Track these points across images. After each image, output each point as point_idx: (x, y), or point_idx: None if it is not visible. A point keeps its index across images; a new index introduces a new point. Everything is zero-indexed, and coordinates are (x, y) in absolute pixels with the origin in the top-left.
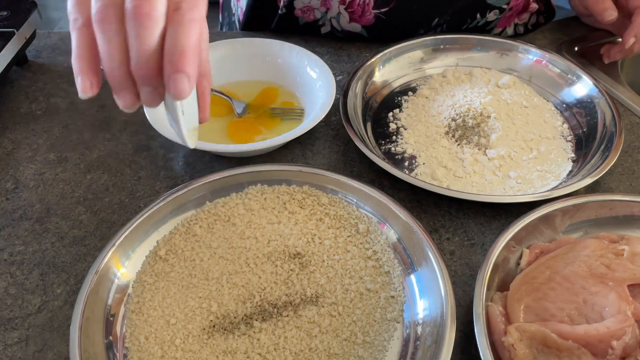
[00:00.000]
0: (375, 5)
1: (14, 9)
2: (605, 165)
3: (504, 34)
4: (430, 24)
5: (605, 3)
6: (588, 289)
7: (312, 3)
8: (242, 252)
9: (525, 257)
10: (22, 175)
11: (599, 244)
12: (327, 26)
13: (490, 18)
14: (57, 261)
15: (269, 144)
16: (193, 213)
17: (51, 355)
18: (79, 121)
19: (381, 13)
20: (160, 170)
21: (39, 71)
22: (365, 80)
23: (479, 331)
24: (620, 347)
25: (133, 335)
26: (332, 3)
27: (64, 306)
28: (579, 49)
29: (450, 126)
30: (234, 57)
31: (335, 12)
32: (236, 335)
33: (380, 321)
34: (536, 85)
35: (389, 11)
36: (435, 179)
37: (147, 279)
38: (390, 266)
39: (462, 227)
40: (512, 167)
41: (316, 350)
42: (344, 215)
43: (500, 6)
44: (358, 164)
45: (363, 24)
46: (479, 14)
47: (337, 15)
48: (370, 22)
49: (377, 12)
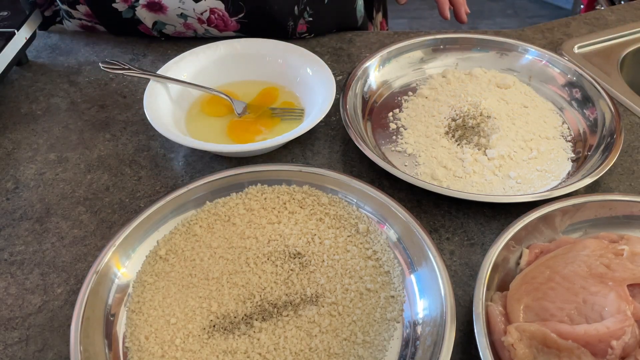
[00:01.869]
0: (231, 14)
1: (14, 9)
2: (605, 165)
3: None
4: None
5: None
6: (588, 288)
7: (178, 29)
8: (242, 252)
9: (525, 257)
10: (22, 175)
11: (599, 244)
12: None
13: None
14: (57, 261)
15: (269, 144)
16: (193, 213)
17: (51, 355)
18: (79, 121)
19: (240, 19)
20: (160, 170)
21: (39, 71)
22: (365, 80)
23: (479, 331)
24: (620, 347)
25: (133, 335)
26: (195, 26)
27: (64, 306)
28: (579, 49)
29: (450, 126)
30: (234, 57)
31: (202, 31)
32: (236, 335)
33: (380, 321)
34: (536, 85)
35: (246, 15)
36: (435, 179)
37: (147, 278)
38: (390, 266)
39: (462, 227)
40: (512, 167)
41: (316, 350)
42: (344, 215)
43: None
44: (358, 164)
45: (232, 30)
46: None
47: (205, 32)
48: (237, 28)
49: (237, 19)
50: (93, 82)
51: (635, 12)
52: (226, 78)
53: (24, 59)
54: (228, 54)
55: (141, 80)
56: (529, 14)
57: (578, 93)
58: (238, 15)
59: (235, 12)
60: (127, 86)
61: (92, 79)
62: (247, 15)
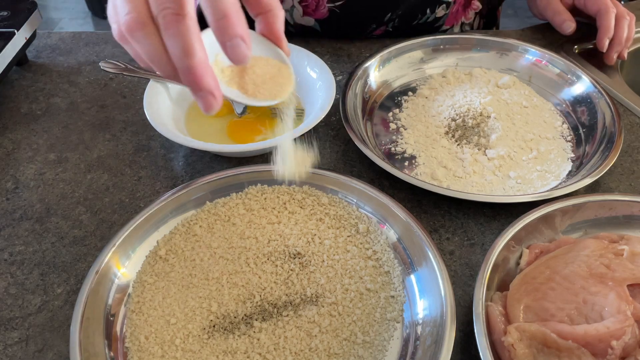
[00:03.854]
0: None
1: (14, 9)
2: (605, 165)
3: (450, 32)
4: (382, 18)
5: (563, 15)
6: (588, 289)
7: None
8: (242, 252)
9: (525, 257)
10: (22, 175)
11: (599, 244)
12: None
13: (439, 14)
14: (57, 261)
15: (269, 144)
16: (193, 213)
17: (51, 355)
18: (79, 121)
19: (335, 7)
20: (160, 170)
21: (39, 71)
22: (365, 80)
23: (479, 331)
24: (620, 347)
25: (133, 335)
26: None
27: (64, 306)
28: (578, 49)
29: (450, 126)
30: None
31: (289, 5)
32: (236, 335)
33: (380, 321)
34: (536, 85)
35: (343, 5)
36: (435, 179)
37: (147, 278)
38: (390, 266)
39: (462, 227)
40: (512, 167)
41: (316, 350)
42: (344, 215)
43: (447, 0)
44: (358, 164)
45: (317, 18)
46: (428, 9)
47: (290, 9)
48: (324, 16)
49: (332, 6)
50: (93, 82)
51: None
52: None
53: (24, 59)
54: None
55: (141, 80)
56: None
57: (578, 93)
58: (335, 2)
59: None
60: (127, 86)
61: (92, 79)
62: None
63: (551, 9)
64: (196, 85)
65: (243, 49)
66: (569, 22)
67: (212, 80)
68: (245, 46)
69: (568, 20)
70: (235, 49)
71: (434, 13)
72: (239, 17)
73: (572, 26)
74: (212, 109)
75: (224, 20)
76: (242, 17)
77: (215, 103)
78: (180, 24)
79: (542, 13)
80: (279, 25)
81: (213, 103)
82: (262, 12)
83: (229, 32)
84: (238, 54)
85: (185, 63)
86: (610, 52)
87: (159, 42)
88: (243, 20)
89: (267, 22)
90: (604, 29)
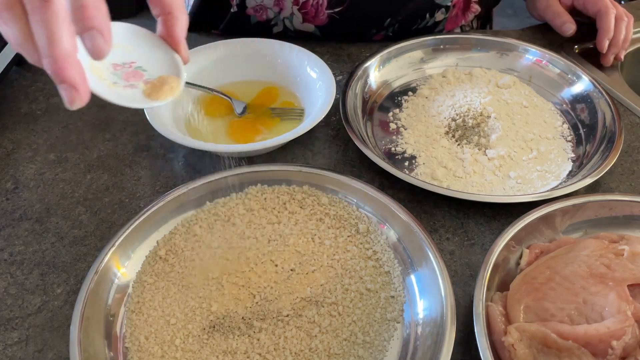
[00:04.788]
0: (328, 6)
1: None
2: (605, 166)
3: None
4: (382, 24)
5: (563, 17)
6: (588, 289)
7: (264, 2)
8: (242, 252)
9: (525, 257)
10: (22, 175)
11: (599, 244)
12: (280, 26)
13: (438, 18)
14: (57, 261)
15: (269, 144)
16: (193, 213)
17: (51, 355)
18: (79, 121)
19: (335, 13)
20: (160, 170)
21: (39, 71)
22: (365, 80)
23: (479, 331)
24: (620, 347)
25: (133, 335)
26: (286, 3)
27: (64, 306)
28: (579, 48)
29: (450, 126)
30: (234, 57)
31: (288, 13)
32: (236, 335)
33: (380, 321)
34: (536, 85)
35: (343, 11)
36: (435, 179)
37: (147, 279)
38: (390, 266)
39: (462, 227)
40: (512, 167)
41: (316, 350)
42: (344, 215)
43: (446, 4)
44: (358, 164)
45: (317, 24)
46: (428, 13)
47: (290, 16)
48: (323, 23)
49: (331, 12)
50: None
51: (635, 12)
52: (226, 78)
53: (23, 59)
54: (228, 54)
55: None
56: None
57: (578, 93)
58: (334, 9)
59: (336, 4)
60: None
61: None
62: (343, 12)
63: (551, 11)
64: (58, 76)
65: (99, 41)
66: (569, 23)
67: (77, 73)
68: (103, 39)
69: (568, 22)
70: (90, 40)
71: (433, 17)
72: (97, 8)
73: (572, 28)
74: (74, 104)
75: (80, 10)
76: (102, 8)
77: (77, 97)
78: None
79: (541, 15)
80: (178, 29)
81: (75, 97)
82: (162, 13)
83: (85, 24)
84: (94, 47)
85: (48, 52)
86: (607, 54)
87: (27, 27)
88: (103, 11)
89: (166, 24)
90: (604, 31)
